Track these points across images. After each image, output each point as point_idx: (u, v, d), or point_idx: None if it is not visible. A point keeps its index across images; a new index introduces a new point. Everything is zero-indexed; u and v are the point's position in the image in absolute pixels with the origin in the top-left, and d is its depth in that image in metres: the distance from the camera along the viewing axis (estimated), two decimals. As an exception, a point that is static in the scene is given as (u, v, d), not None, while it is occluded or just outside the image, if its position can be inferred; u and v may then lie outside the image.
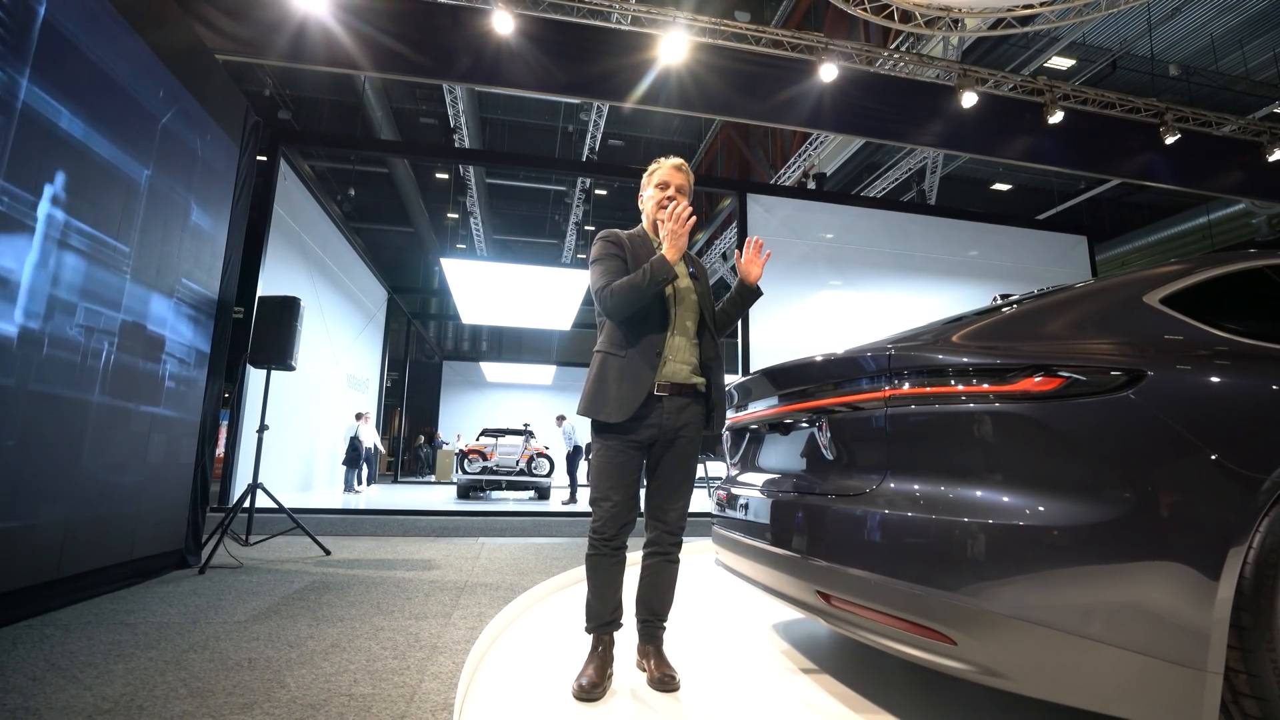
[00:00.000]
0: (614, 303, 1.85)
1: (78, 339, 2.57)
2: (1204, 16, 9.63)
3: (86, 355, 2.63)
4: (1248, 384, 1.34)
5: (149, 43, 2.97)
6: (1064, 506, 1.26)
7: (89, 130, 2.59)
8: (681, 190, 2.03)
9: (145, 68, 2.95)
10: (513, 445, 10.49)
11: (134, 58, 2.87)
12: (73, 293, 2.53)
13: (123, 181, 2.81)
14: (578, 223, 15.98)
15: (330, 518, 5.77)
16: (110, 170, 2.73)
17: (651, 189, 2.07)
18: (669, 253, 1.85)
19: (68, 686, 1.64)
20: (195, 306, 3.49)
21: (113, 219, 2.75)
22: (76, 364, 2.57)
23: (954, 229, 9.21)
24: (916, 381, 1.49)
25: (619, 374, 1.87)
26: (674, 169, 2.05)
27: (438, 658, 1.93)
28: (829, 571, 1.57)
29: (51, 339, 2.43)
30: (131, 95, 2.86)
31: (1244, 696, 1.17)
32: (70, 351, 2.54)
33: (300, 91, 12.95)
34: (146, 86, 2.97)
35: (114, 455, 2.84)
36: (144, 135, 2.96)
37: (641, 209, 2.14)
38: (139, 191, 2.93)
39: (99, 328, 2.70)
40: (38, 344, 2.36)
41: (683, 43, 6.49)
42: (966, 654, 1.29)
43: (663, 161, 2.09)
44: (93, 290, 2.65)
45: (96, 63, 2.63)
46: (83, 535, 2.64)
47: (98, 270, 2.67)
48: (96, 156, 2.64)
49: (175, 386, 3.31)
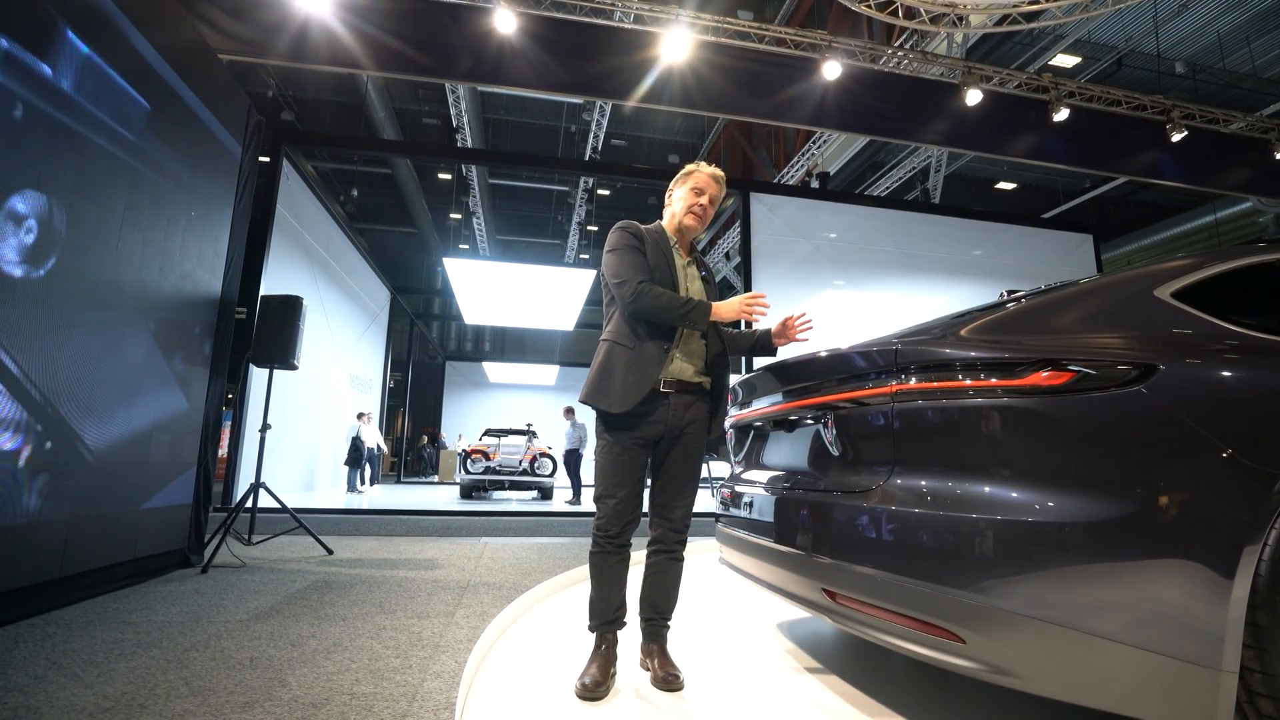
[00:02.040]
0: (640, 304, 1.84)
1: (80, 337, 2.57)
2: (1211, 13, 9.57)
3: (88, 354, 2.63)
4: (1261, 379, 1.31)
5: (152, 42, 2.97)
6: (1074, 502, 1.24)
7: (89, 131, 2.58)
8: (714, 201, 2.03)
9: (148, 67, 2.95)
10: (516, 445, 10.48)
11: (137, 57, 2.87)
12: (75, 291, 2.53)
13: (124, 180, 2.81)
14: (580, 222, 15.98)
15: (333, 517, 5.76)
16: (112, 170, 2.72)
17: (684, 190, 2.04)
18: (718, 309, 1.84)
19: (69, 685, 1.63)
20: (198, 305, 3.49)
21: (114, 216, 2.75)
22: (78, 363, 2.57)
23: (958, 228, 9.16)
24: (923, 376, 1.47)
25: (625, 366, 1.86)
26: (712, 178, 2.03)
27: (440, 657, 1.92)
28: (835, 569, 1.55)
29: (53, 338, 2.42)
30: (134, 95, 2.85)
31: (1259, 696, 1.15)
32: (72, 350, 2.53)
33: (303, 92, 12.98)
34: (150, 85, 2.96)
35: (117, 454, 2.83)
36: (146, 135, 2.95)
37: (667, 206, 2.10)
38: (140, 190, 2.92)
39: (101, 326, 2.70)
40: (40, 342, 2.36)
41: (685, 41, 6.47)
42: (976, 652, 1.27)
43: (701, 166, 2.06)
44: (94, 289, 2.65)
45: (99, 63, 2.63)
46: (85, 534, 2.64)
47: (99, 270, 2.67)
48: (98, 156, 2.64)
49: (177, 386, 3.31)
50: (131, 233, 2.86)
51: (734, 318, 1.86)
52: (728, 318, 1.85)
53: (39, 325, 2.35)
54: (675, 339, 1.90)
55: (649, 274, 1.89)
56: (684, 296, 1.88)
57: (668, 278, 1.93)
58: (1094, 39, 9.93)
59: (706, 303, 1.87)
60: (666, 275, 1.93)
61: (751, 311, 1.84)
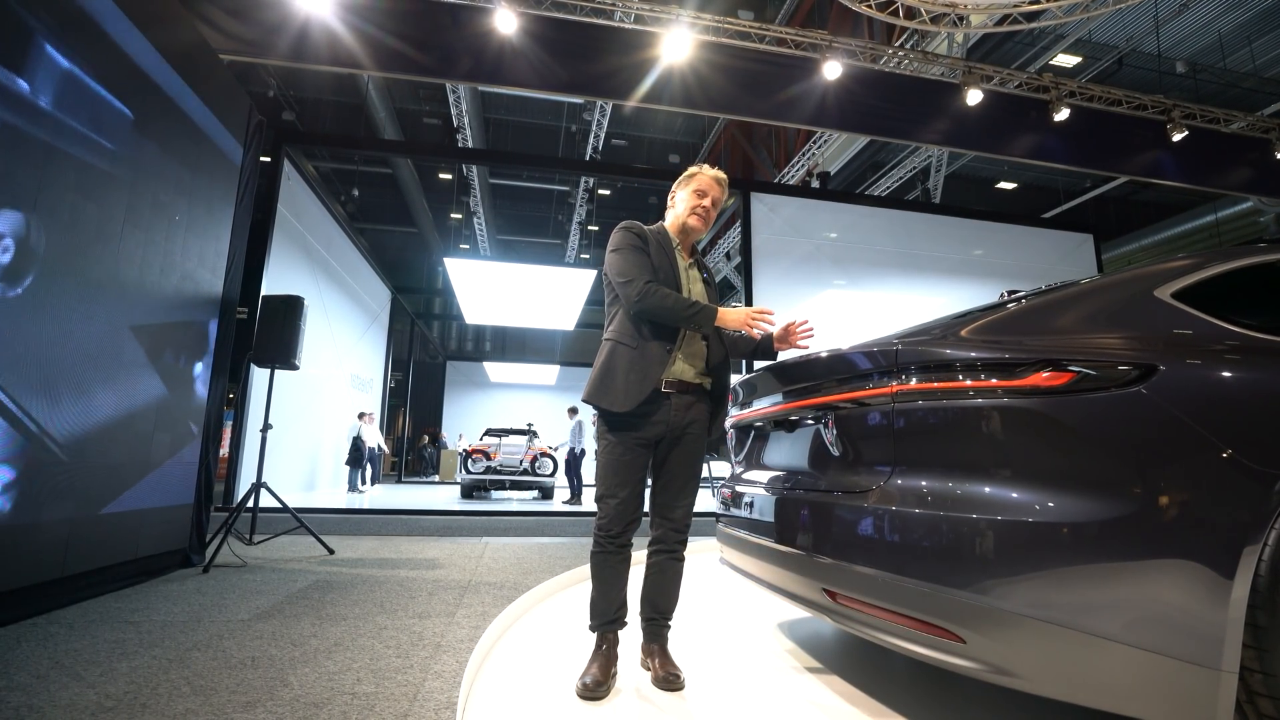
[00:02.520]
0: (646, 304, 1.85)
1: (83, 336, 2.58)
2: (1212, 13, 9.55)
3: (91, 354, 2.63)
4: (1261, 379, 1.31)
5: (153, 42, 2.97)
6: (1074, 503, 1.24)
7: (91, 131, 2.59)
8: (717, 204, 2.04)
9: (150, 67, 2.96)
10: (516, 445, 10.47)
11: (138, 57, 2.87)
12: (76, 291, 2.53)
13: (125, 181, 2.81)
14: (581, 222, 15.98)
15: (334, 517, 5.76)
16: (113, 171, 2.73)
17: (687, 192, 2.05)
18: (724, 315, 1.84)
19: (71, 684, 1.63)
20: (199, 305, 3.49)
21: (115, 217, 2.75)
22: (80, 362, 2.58)
23: (959, 228, 9.15)
24: (924, 377, 1.47)
25: (628, 365, 1.87)
26: (715, 181, 2.04)
27: (441, 656, 1.92)
28: (835, 569, 1.55)
29: (56, 337, 2.43)
30: (135, 96, 2.86)
31: (1259, 696, 1.15)
32: (75, 349, 2.54)
33: (304, 92, 12.99)
34: (151, 86, 2.97)
35: (119, 454, 2.84)
36: (146, 136, 2.96)
37: (670, 208, 2.11)
38: (141, 190, 2.93)
39: (104, 325, 2.70)
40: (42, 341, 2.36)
41: (686, 41, 6.47)
42: (976, 652, 1.27)
43: (704, 169, 2.06)
44: (95, 289, 2.65)
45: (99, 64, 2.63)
46: (87, 534, 2.64)
47: (100, 270, 2.67)
48: (99, 157, 2.64)
49: (179, 385, 3.31)
50: (133, 233, 2.86)
51: (737, 327, 1.86)
52: (731, 326, 1.85)
53: (39, 325, 2.35)
54: (678, 340, 1.91)
55: (654, 274, 1.90)
56: (689, 299, 1.89)
57: (671, 279, 1.93)
58: (1095, 39, 9.91)
59: (712, 307, 1.87)
60: (670, 276, 1.93)
61: (756, 325, 1.84)
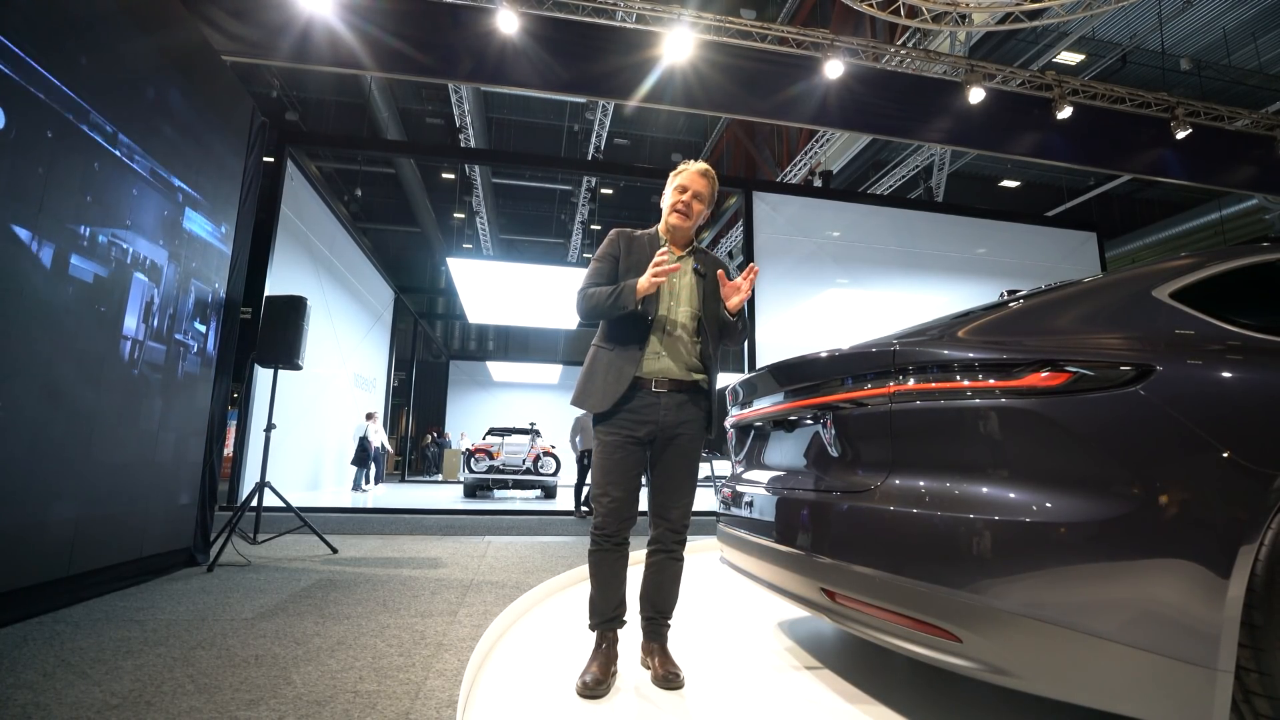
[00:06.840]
0: (582, 309, 1.97)
1: (86, 336, 2.59)
2: (1216, 9, 9.51)
3: (94, 354, 2.65)
4: (1260, 380, 1.31)
5: (156, 43, 2.98)
6: (1071, 502, 1.24)
7: (93, 133, 2.60)
8: (699, 197, 2.02)
9: (151, 68, 2.97)
10: (519, 444, 10.49)
11: (140, 58, 2.89)
12: (76, 291, 2.55)
13: (129, 180, 2.83)
14: (583, 222, 15.99)
15: (337, 516, 5.79)
16: (116, 169, 2.74)
17: (669, 190, 2.06)
18: (642, 284, 1.84)
19: (77, 682, 1.65)
20: (203, 305, 3.51)
21: (119, 218, 2.77)
22: (84, 363, 2.59)
23: (961, 226, 9.13)
24: (921, 377, 1.48)
25: (605, 367, 1.93)
26: (697, 174, 2.03)
27: (443, 655, 1.94)
28: (834, 569, 1.56)
29: (60, 336, 2.45)
30: (138, 96, 2.87)
31: (1255, 695, 1.15)
32: (79, 349, 2.56)
33: (306, 93, 13.03)
34: (152, 86, 2.98)
35: (123, 453, 2.86)
36: (149, 136, 2.97)
37: (662, 208, 2.12)
38: (144, 190, 2.94)
39: (107, 325, 2.72)
40: (49, 342, 2.38)
41: (687, 40, 6.47)
42: (973, 651, 1.27)
43: (689, 164, 2.06)
44: (96, 289, 2.67)
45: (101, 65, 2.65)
46: (92, 533, 2.66)
47: (103, 268, 2.69)
48: (101, 158, 2.66)
49: (183, 385, 3.33)
50: (132, 232, 2.88)
51: (648, 287, 1.83)
52: (644, 289, 1.84)
53: (41, 326, 2.37)
54: (650, 337, 1.93)
55: (607, 281, 1.97)
56: (612, 287, 1.90)
57: None
58: (1098, 36, 9.88)
59: (629, 283, 1.87)
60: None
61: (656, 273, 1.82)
